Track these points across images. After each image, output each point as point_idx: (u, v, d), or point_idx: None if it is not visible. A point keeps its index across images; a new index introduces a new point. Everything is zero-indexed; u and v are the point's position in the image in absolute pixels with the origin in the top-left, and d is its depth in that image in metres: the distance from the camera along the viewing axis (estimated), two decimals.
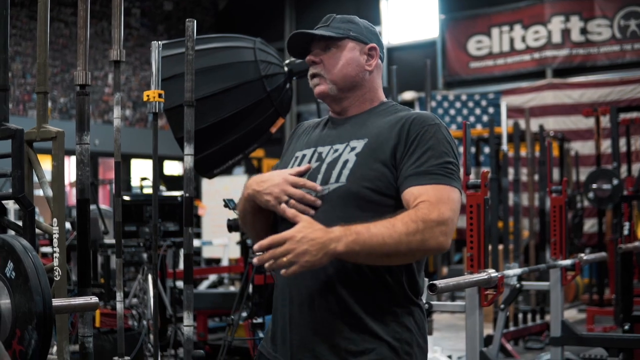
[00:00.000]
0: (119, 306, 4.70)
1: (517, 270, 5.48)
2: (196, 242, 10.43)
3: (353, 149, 2.70)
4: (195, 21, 4.94)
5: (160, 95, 4.86)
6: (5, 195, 4.13)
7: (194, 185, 4.95)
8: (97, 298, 2.97)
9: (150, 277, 7.62)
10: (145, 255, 8.31)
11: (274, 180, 2.68)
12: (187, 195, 4.89)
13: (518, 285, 6.00)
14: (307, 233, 2.42)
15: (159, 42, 5.01)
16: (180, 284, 8.42)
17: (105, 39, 18.49)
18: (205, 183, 14.94)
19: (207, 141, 5.78)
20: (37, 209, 8.28)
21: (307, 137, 2.92)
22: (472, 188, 4.51)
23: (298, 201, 2.63)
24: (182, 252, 9.09)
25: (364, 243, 2.42)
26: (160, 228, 8.14)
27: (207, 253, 14.18)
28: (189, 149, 4.85)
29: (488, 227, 4.56)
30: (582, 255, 6.06)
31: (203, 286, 11.87)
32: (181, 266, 9.38)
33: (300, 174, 2.72)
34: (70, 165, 14.14)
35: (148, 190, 10.89)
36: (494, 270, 4.35)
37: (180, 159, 5.20)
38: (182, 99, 5.00)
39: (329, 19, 2.90)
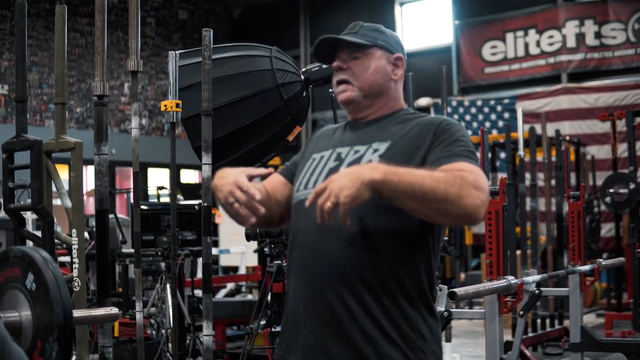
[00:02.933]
0: (139, 316, 4.72)
1: (536, 277, 5.46)
2: (214, 251, 10.43)
3: (376, 150, 2.73)
4: (211, 30, 4.97)
5: (177, 105, 4.88)
6: (25, 206, 4.15)
7: (211, 194, 4.96)
8: (117, 309, 2.99)
9: (168, 286, 7.63)
10: (163, 265, 8.32)
11: (229, 178, 2.64)
12: (205, 204, 4.90)
13: (537, 292, 5.99)
14: (343, 172, 2.42)
15: (176, 51, 5.03)
16: (198, 292, 8.45)
17: (121, 48, 18.54)
18: None
19: (224, 150, 5.78)
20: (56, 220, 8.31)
21: (325, 141, 2.93)
22: (490, 195, 4.51)
23: (243, 204, 2.60)
24: (199, 260, 9.13)
25: (402, 176, 2.38)
26: (177, 237, 8.16)
27: (225, 261, 14.17)
28: (206, 159, 4.87)
29: (506, 233, 4.55)
30: (601, 260, 6.05)
31: (220, 295, 11.88)
32: (199, 275, 9.42)
33: (262, 177, 2.75)
34: (88, 175, 14.17)
35: (165, 199, 10.90)
36: (513, 277, 4.36)
37: (197, 167, 5.22)
38: (199, 108, 5.01)
39: (357, 27, 2.91)
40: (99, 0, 4.21)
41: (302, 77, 6.19)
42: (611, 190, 10.38)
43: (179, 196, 11.41)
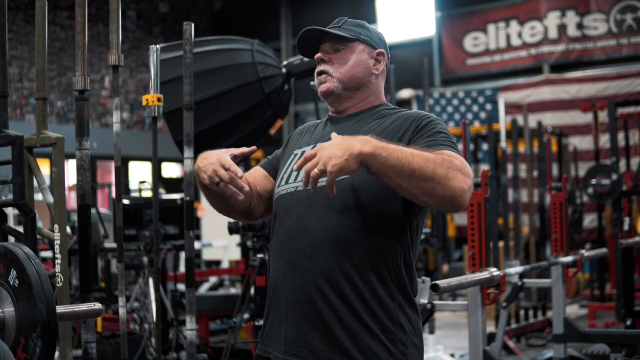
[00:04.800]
0: (122, 311, 4.70)
1: (519, 269, 5.48)
2: (196, 245, 10.43)
3: None
4: (193, 24, 4.95)
5: (159, 100, 4.86)
6: (6, 202, 4.12)
7: (194, 188, 4.94)
8: (100, 304, 2.98)
9: (151, 280, 7.61)
10: (145, 259, 8.29)
11: (212, 159, 2.68)
12: (187, 198, 4.89)
13: (519, 283, 6.01)
14: (334, 141, 2.42)
15: (157, 45, 5.01)
16: (180, 286, 8.43)
17: (102, 41, 18.48)
18: None
19: (206, 144, 5.74)
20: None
21: (307, 136, 2.96)
22: (473, 187, 4.51)
23: (227, 183, 2.62)
24: (182, 255, 9.12)
25: (392, 152, 2.40)
26: (160, 231, 8.14)
27: (207, 255, 14.14)
28: (188, 152, 4.86)
29: (489, 225, 4.56)
30: (583, 251, 6.07)
31: (203, 288, 11.85)
32: (181, 269, 9.41)
33: (245, 155, 2.76)
34: (69, 169, 14.11)
35: (146, 194, 10.87)
36: (496, 269, 4.37)
37: (178, 160, 5.21)
38: (181, 102, 5.00)
39: (341, 21, 2.94)
40: None
41: (284, 70, 6.19)
42: (594, 182, 10.42)
43: (161, 190, 11.39)
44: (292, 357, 2.68)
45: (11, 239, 4.23)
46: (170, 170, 20.04)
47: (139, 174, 17.93)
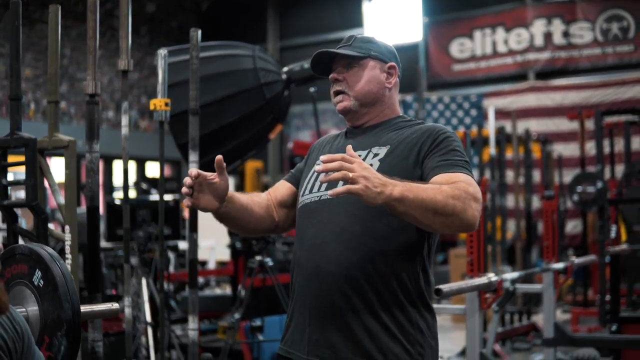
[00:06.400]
0: (127, 311, 4.79)
1: (514, 274, 5.61)
2: (182, 245, 10.51)
3: (376, 155, 2.87)
4: (200, 31, 5.04)
5: (166, 104, 4.94)
6: (19, 202, 4.20)
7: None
8: (117, 304, 3.08)
9: (144, 280, 7.68)
10: (135, 259, 8.35)
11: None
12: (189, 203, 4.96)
13: (511, 288, 6.13)
14: (376, 171, 2.51)
15: (165, 50, 5.10)
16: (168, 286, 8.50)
17: None
18: None
19: (207, 147, 5.87)
20: (19, 213, 8.32)
21: (327, 148, 3.07)
22: None
23: (192, 185, 2.77)
24: (172, 255, 9.19)
25: (417, 194, 2.50)
26: (151, 231, 8.23)
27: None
28: (193, 156, 4.95)
29: (487, 233, 4.69)
30: (574, 258, 6.20)
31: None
32: (170, 269, 9.49)
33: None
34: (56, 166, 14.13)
35: (133, 194, 10.93)
36: (493, 274, 4.49)
37: (165, 160, 5.27)
38: (183, 106, 5.09)
39: (351, 39, 3.04)
40: (91, 0, 4.28)
41: (284, 76, 6.30)
42: (579, 189, 10.56)
43: (144, 189, 11.45)
44: (315, 358, 2.80)
45: (20, 240, 4.31)
46: (154, 170, 20.04)
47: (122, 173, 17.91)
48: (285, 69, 6.34)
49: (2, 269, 2.79)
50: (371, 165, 2.81)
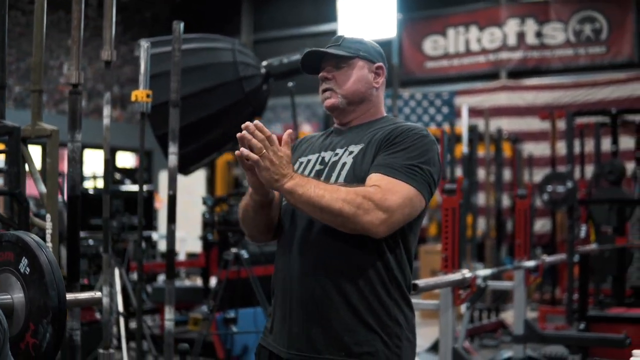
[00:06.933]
0: (105, 300, 4.83)
1: (487, 271, 5.69)
2: (153, 236, 10.55)
3: (351, 153, 2.93)
4: (182, 23, 5.07)
5: (148, 96, 4.97)
6: (1, 190, 4.23)
7: (175, 182, 5.06)
8: (100, 293, 3.11)
9: (116, 270, 7.70)
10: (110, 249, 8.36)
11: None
12: (170, 193, 5.01)
13: (483, 285, 6.22)
14: (284, 158, 2.72)
15: (147, 42, 5.12)
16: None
17: (62, 28, 18.38)
18: (161, 177, 14.97)
19: (186, 139, 5.91)
20: None
21: (311, 146, 3.12)
22: (448, 192, 4.72)
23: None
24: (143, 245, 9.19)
25: (306, 190, 2.70)
26: (125, 222, 8.25)
27: (163, 246, 14.20)
28: (173, 148, 4.98)
29: (463, 228, 4.76)
30: (544, 257, 6.29)
31: (160, 280, 11.91)
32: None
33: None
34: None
35: (100, 184, 10.92)
36: (467, 271, 4.58)
37: (134, 150, 5.31)
38: (162, 97, 5.12)
39: (340, 39, 3.10)
40: None
41: (263, 70, 6.34)
42: (549, 188, 10.67)
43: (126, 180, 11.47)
44: (295, 351, 2.86)
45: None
46: (125, 160, 20.00)
47: (93, 162, 17.85)
48: (264, 63, 6.38)
49: None
50: (344, 163, 2.90)
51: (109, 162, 4.88)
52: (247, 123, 2.73)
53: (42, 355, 2.68)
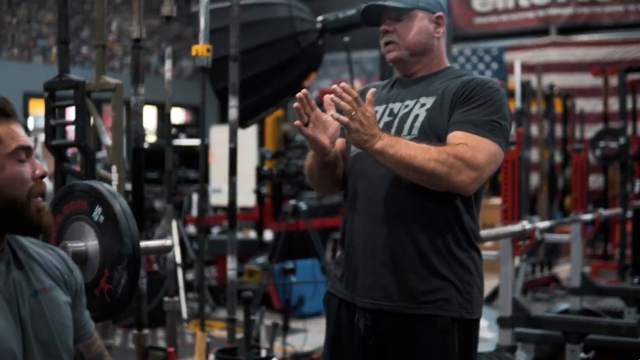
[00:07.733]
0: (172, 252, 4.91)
1: (546, 223, 5.71)
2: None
3: (423, 105, 2.94)
4: None
5: (208, 50, 5.02)
6: (68, 143, 4.30)
7: (236, 136, 5.12)
8: (170, 241, 3.19)
9: (174, 222, 7.82)
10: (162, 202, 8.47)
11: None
12: (232, 145, 5.07)
13: (540, 238, 6.24)
14: (371, 118, 2.74)
15: None
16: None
17: None
18: (212, 132, 15.07)
19: (243, 94, 5.96)
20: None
21: (376, 96, 3.11)
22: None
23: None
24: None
25: (397, 150, 2.71)
26: (181, 175, 8.37)
27: (215, 200, 14.33)
28: (233, 101, 5.03)
29: (522, 182, 4.79)
30: (602, 210, 6.29)
31: (215, 232, 12.03)
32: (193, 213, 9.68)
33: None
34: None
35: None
36: (527, 222, 4.60)
37: (183, 106, 5.38)
38: (219, 52, 5.15)
39: None
40: None
41: (319, 25, 6.36)
42: (602, 144, 10.62)
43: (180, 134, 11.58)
44: (369, 299, 2.92)
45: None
46: (177, 115, 20.12)
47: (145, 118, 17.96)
48: (319, 18, 6.40)
49: (60, 205, 2.88)
50: (417, 115, 2.91)
51: (169, 116, 4.94)
52: (335, 86, 2.73)
53: (116, 300, 2.76)
